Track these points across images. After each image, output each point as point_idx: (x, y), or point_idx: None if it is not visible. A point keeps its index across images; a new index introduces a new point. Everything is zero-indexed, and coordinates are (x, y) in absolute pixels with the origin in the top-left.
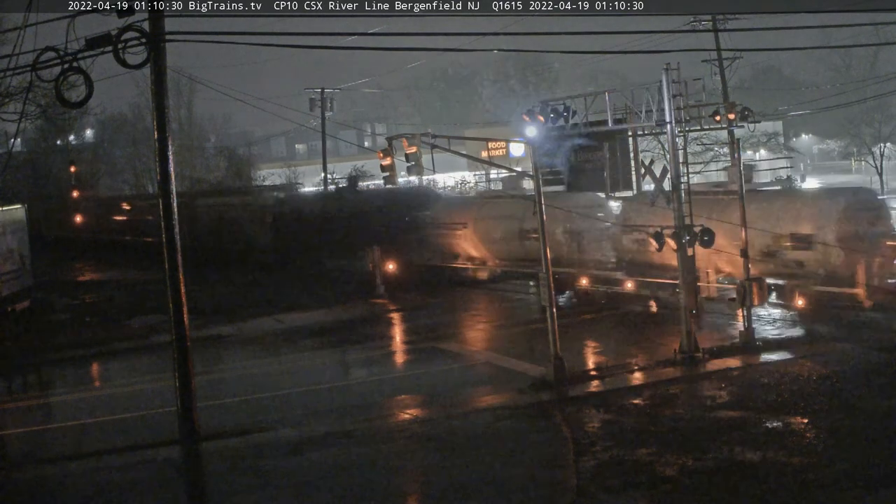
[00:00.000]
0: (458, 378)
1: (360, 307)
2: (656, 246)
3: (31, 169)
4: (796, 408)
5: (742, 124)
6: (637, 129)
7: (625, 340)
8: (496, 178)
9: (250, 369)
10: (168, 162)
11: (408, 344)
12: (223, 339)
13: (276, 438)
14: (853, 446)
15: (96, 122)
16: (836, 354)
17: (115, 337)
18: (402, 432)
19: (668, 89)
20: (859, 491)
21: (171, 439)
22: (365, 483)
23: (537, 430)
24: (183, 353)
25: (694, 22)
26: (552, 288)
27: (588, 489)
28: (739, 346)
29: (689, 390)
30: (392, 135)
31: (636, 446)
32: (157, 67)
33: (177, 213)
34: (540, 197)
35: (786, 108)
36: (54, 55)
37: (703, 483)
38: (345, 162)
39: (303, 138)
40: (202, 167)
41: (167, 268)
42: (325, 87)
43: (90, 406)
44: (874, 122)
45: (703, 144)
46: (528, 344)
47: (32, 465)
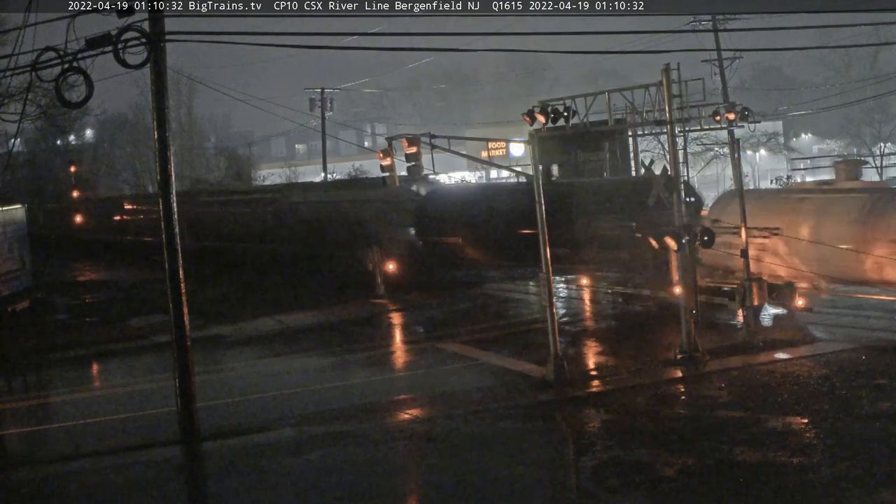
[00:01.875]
0: (459, 378)
1: (360, 307)
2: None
3: (31, 169)
4: (796, 408)
5: (742, 124)
6: (637, 129)
7: (625, 340)
8: (496, 179)
9: (250, 369)
10: (168, 162)
11: (408, 344)
12: (223, 339)
13: (276, 438)
14: (853, 446)
15: (96, 122)
16: (837, 354)
17: (115, 337)
18: (402, 432)
19: (668, 89)
20: (859, 491)
21: (171, 439)
22: (365, 483)
23: (537, 431)
24: (183, 353)
25: (694, 22)
26: (552, 288)
27: (588, 489)
28: (740, 346)
29: (689, 390)
30: (392, 135)
31: (636, 446)
32: (157, 67)
33: (177, 213)
34: (540, 197)
35: (786, 108)
36: (54, 55)
37: (703, 483)
38: (345, 162)
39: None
40: (202, 167)
41: (167, 268)
42: (325, 87)
43: (90, 406)
44: (874, 122)
45: (703, 144)
46: (528, 344)
47: (32, 465)
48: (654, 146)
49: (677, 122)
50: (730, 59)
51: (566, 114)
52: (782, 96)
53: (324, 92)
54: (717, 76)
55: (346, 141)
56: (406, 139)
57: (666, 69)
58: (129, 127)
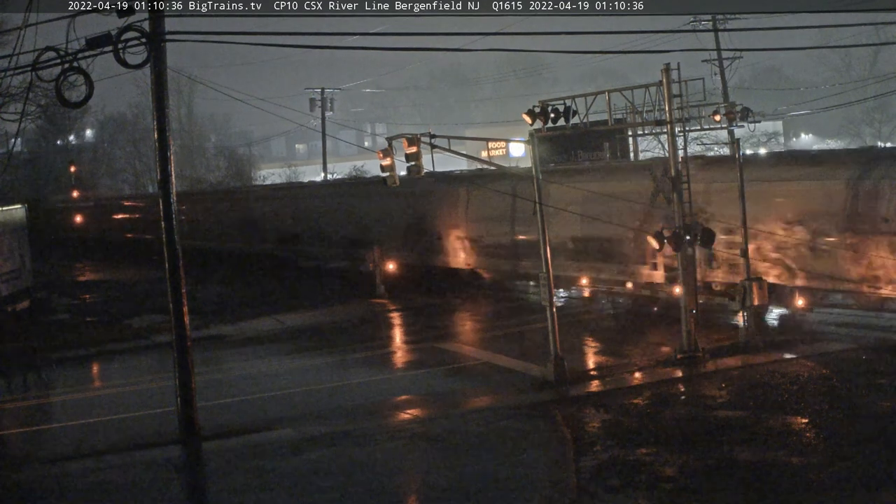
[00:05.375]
0: (459, 378)
1: (360, 307)
2: (656, 245)
3: (31, 169)
4: (796, 408)
5: (742, 124)
6: (637, 129)
7: (625, 340)
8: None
9: (250, 369)
10: (168, 162)
11: (408, 344)
12: (223, 339)
13: (276, 438)
14: (853, 446)
15: (96, 122)
16: (837, 354)
17: (115, 337)
18: (402, 432)
19: (668, 89)
20: (859, 491)
21: (171, 439)
22: (365, 483)
23: (537, 430)
24: (183, 353)
25: (694, 22)
26: (552, 288)
27: (588, 489)
28: (740, 345)
29: (689, 390)
30: (392, 135)
31: (636, 446)
32: (157, 67)
33: (177, 213)
34: (540, 196)
35: (786, 108)
36: (54, 55)
37: (703, 483)
38: (345, 162)
39: (303, 138)
40: (202, 167)
41: (167, 268)
42: (325, 87)
43: (90, 406)
44: (874, 122)
45: (703, 144)
46: (528, 344)
47: (32, 465)
48: (655, 146)
49: (677, 122)
50: (730, 59)
51: (566, 114)
52: (782, 96)
53: (324, 92)
54: (717, 76)
55: (346, 141)
56: (406, 139)
57: (666, 69)
58: (129, 127)
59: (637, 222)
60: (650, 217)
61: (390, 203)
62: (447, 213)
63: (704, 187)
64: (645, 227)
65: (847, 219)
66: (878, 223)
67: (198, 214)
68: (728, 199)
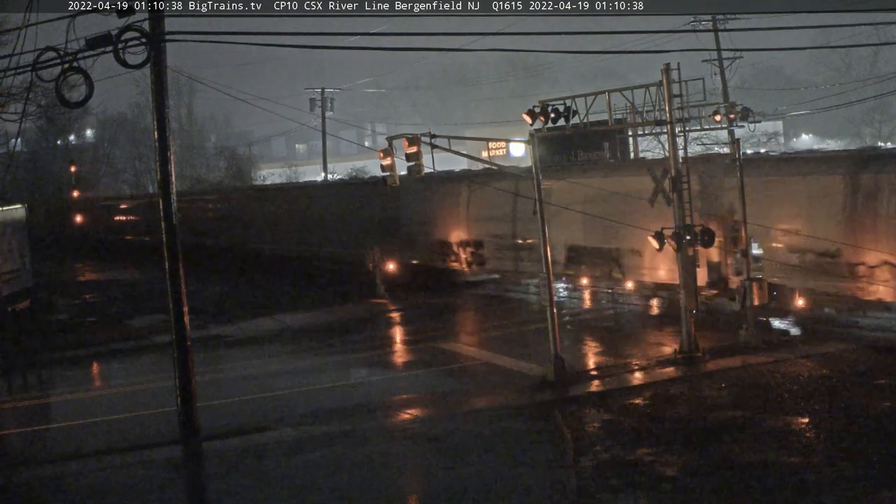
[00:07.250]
0: (459, 378)
1: (360, 307)
2: (656, 245)
3: (31, 169)
4: (796, 408)
5: (742, 124)
6: (637, 129)
7: (625, 340)
8: None
9: (250, 369)
10: (168, 162)
11: (408, 344)
12: (223, 339)
13: (276, 438)
14: (853, 446)
15: (96, 121)
16: (837, 354)
17: (116, 337)
18: (403, 432)
19: (668, 89)
20: (859, 491)
21: (171, 439)
22: (365, 483)
23: (537, 430)
24: (183, 353)
25: (694, 22)
26: (552, 288)
27: (588, 489)
28: (740, 346)
29: (689, 390)
30: (392, 135)
31: (636, 446)
32: (157, 67)
33: (177, 213)
34: (540, 196)
35: (786, 108)
36: (54, 55)
37: (703, 483)
38: (345, 162)
39: (303, 138)
40: (202, 167)
41: (167, 268)
42: (325, 87)
43: (90, 406)
44: (874, 122)
45: (703, 144)
46: (528, 344)
47: (32, 465)
48: (655, 146)
49: (677, 122)
50: (730, 59)
51: (566, 114)
52: (782, 96)
53: (324, 92)
54: (717, 76)
55: (346, 140)
56: (406, 139)
57: (666, 69)
58: (129, 127)
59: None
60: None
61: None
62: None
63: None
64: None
65: None
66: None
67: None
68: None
